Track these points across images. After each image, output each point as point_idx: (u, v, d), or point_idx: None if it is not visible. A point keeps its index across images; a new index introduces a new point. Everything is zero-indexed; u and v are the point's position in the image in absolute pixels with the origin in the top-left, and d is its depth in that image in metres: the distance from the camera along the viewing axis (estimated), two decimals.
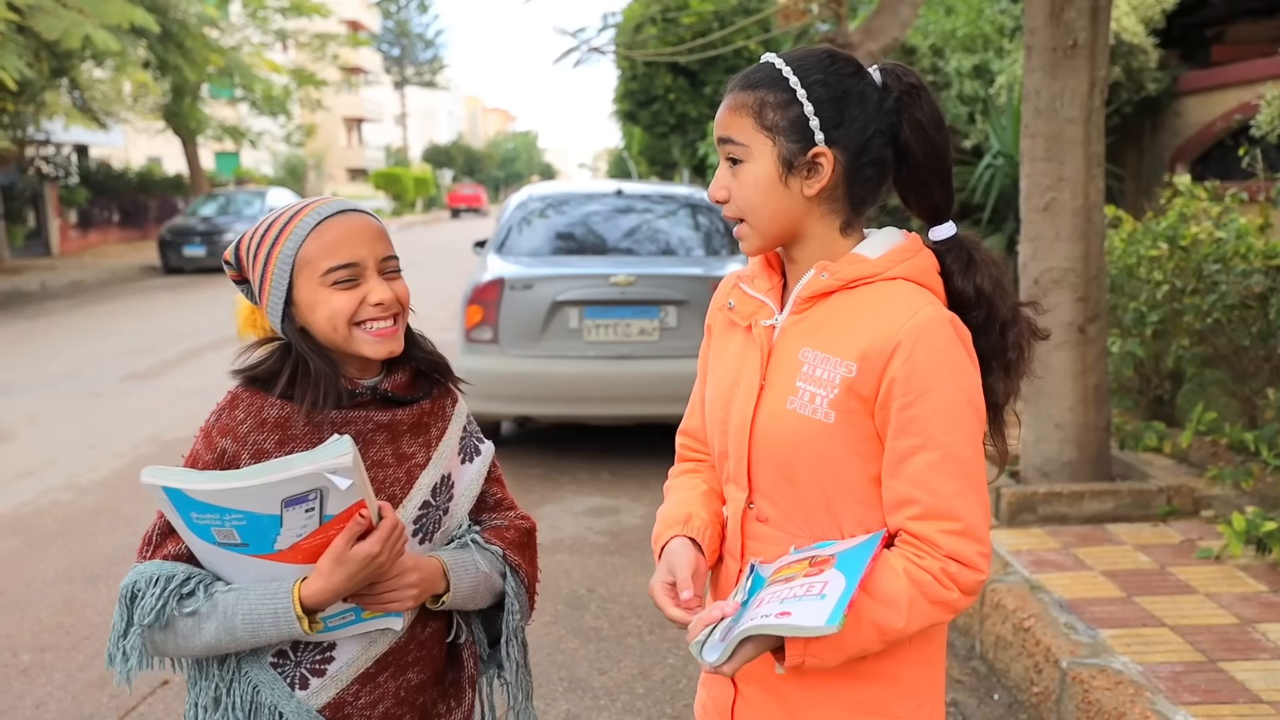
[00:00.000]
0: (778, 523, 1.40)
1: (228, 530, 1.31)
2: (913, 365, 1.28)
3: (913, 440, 1.30)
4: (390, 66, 56.82)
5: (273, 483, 1.25)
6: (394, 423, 1.47)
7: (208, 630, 1.34)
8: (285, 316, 1.43)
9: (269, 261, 1.42)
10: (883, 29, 7.36)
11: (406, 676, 1.49)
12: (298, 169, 32.87)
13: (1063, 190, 4.03)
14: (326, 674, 1.43)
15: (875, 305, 1.34)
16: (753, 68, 1.40)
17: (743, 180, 1.37)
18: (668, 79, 17.08)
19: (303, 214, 1.43)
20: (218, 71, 21.90)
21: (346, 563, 1.31)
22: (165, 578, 1.35)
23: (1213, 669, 2.87)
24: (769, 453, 1.39)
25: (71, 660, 3.63)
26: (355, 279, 1.41)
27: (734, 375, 1.44)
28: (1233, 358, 4.54)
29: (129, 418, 7.26)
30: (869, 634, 1.27)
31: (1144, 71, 6.97)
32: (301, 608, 1.33)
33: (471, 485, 1.59)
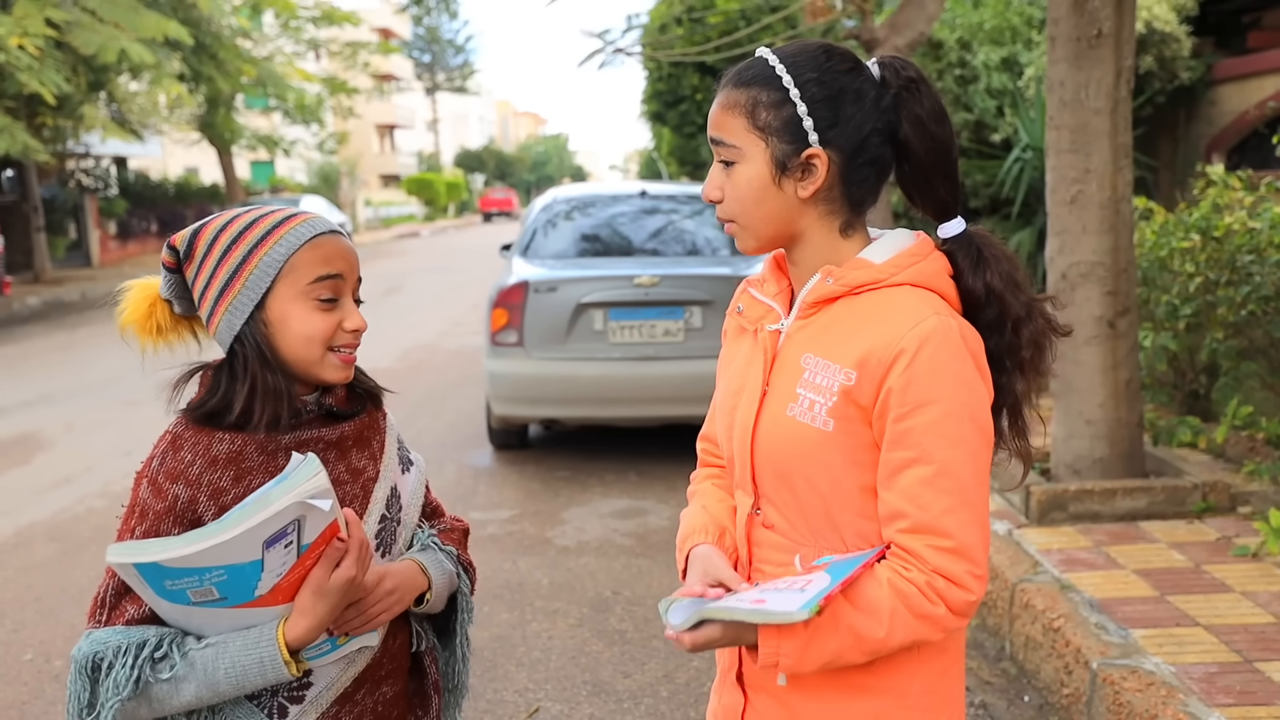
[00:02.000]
0: (783, 529, 1.38)
1: (206, 589, 1.23)
2: (911, 375, 1.25)
3: (907, 453, 1.26)
4: (421, 73, 57.40)
5: (254, 526, 1.18)
6: (342, 439, 1.44)
7: (187, 692, 1.28)
8: (248, 322, 1.36)
9: (250, 258, 1.35)
10: (909, 23, 7.29)
11: (382, 690, 1.47)
12: (331, 176, 33.22)
13: (1089, 183, 3.96)
14: (305, 699, 1.39)
15: (879, 312, 1.30)
16: (745, 64, 1.36)
17: (735, 181, 1.33)
18: (695, 79, 17.04)
19: (294, 222, 1.39)
20: (251, 82, 22.19)
21: (328, 594, 1.27)
22: (135, 645, 1.27)
23: (1249, 669, 2.80)
24: (770, 460, 1.37)
25: None
26: (336, 297, 1.38)
27: (740, 381, 1.43)
28: (1269, 350, 4.43)
29: (164, 425, 7.31)
30: (846, 639, 1.24)
31: (1177, 60, 6.83)
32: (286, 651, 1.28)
33: (415, 494, 1.57)
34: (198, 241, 1.38)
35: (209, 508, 1.31)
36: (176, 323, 1.44)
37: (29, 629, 3.99)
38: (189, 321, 1.46)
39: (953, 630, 1.29)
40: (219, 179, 28.17)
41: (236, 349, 1.36)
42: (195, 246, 1.38)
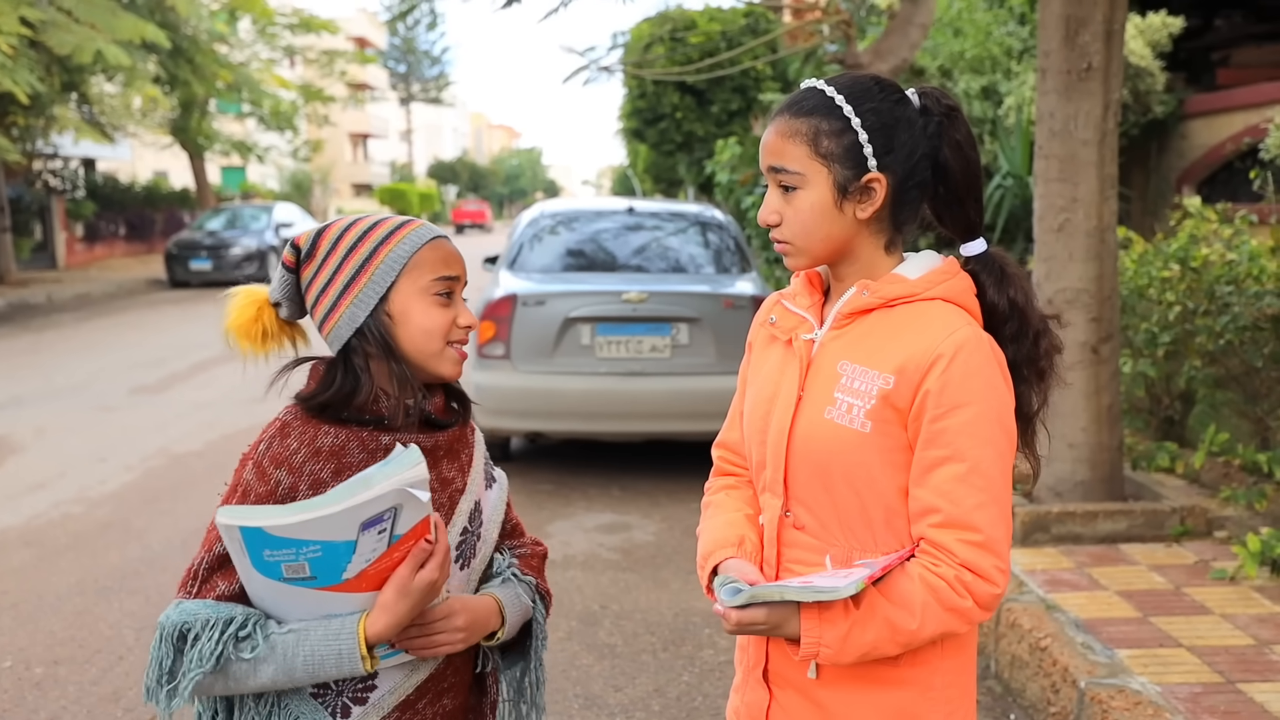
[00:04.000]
0: (814, 530, 1.44)
1: (300, 564, 1.26)
2: (947, 379, 1.33)
3: (941, 451, 1.34)
4: (396, 83, 57.32)
5: (356, 506, 1.22)
6: (435, 447, 1.45)
7: (264, 673, 1.30)
8: (373, 314, 1.39)
9: (375, 254, 1.40)
10: (892, 50, 7.42)
11: (442, 703, 1.48)
12: (304, 184, 33.04)
13: (1076, 211, 4.06)
14: (368, 702, 1.41)
15: (915, 322, 1.39)
16: (801, 94, 1.43)
17: (798, 207, 1.40)
18: (675, 97, 17.20)
19: (412, 225, 1.45)
20: (226, 87, 22.06)
21: (410, 593, 1.29)
22: (223, 621, 1.30)
23: (1231, 690, 2.87)
24: (806, 460, 1.43)
25: (85, 674, 3.63)
26: (452, 294, 1.44)
27: (773, 387, 1.49)
28: (1245, 379, 4.56)
29: (138, 430, 7.28)
30: (883, 631, 1.31)
31: (1151, 94, 7.04)
32: (365, 645, 1.31)
33: (496, 510, 1.58)
34: (321, 240, 1.43)
35: (307, 496, 1.34)
36: (280, 329, 1.47)
37: (7, 635, 3.93)
38: (291, 329, 1.49)
39: (978, 623, 1.36)
40: (189, 183, 27.92)
41: (355, 343, 1.40)
42: (318, 245, 1.43)
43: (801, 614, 1.30)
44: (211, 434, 7.17)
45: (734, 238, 6.57)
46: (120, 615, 4.11)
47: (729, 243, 6.47)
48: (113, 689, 3.51)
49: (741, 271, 6.23)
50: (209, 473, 6.14)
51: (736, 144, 14.47)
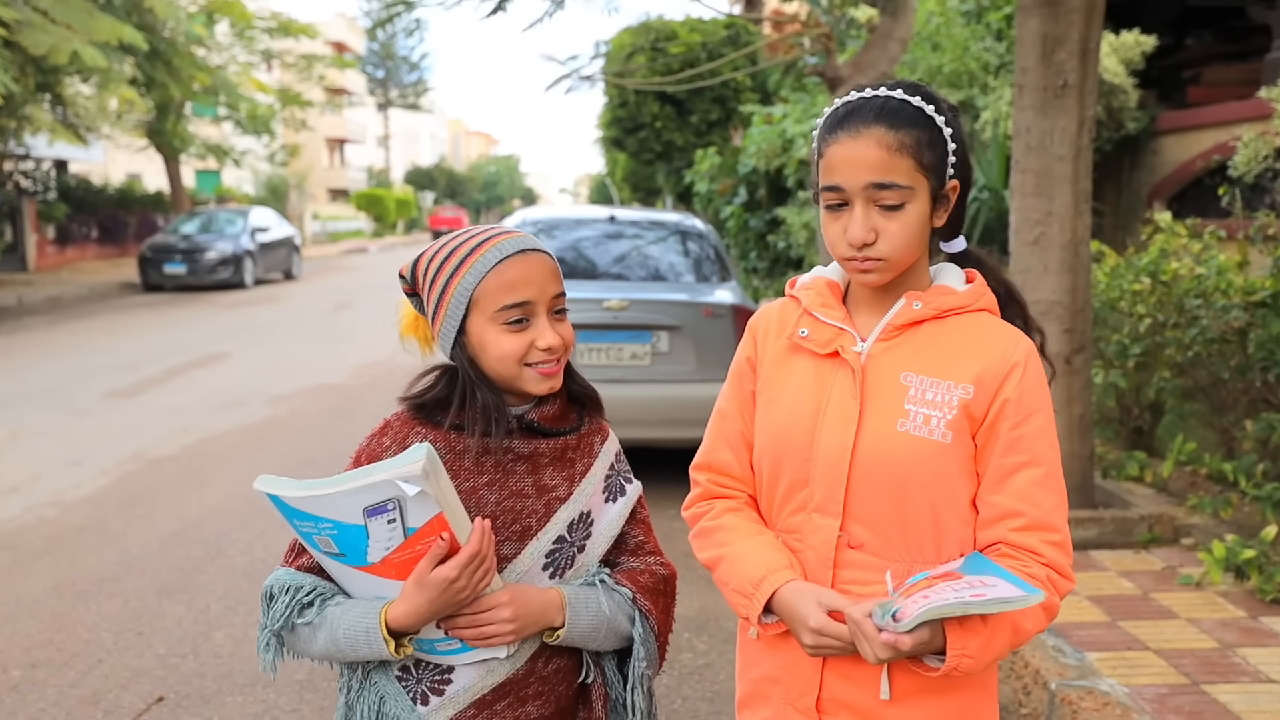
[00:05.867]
0: (874, 548, 1.41)
1: (325, 539, 1.34)
2: (1024, 387, 1.38)
3: (1020, 457, 1.37)
4: (374, 88, 57.21)
5: (351, 489, 1.27)
6: (536, 454, 1.47)
7: (320, 640, 1.40)
8: (456, 344, 1.45)
9: (446, 290, 1.43)
10: (872, 64, 7.51)
11: (525, 709, 1.47)
12: (280, 188, 32.85)
13: (1051, 225, 4.15)
14: (445, 694, 1.44)
15: (977, 333, 1.42)
16: (884, 105, 1.38)
17: (904, 222, 1.37)
18: (655, 107, 17.32)
19: (484, 248, 1.43)
20: (203, 90, 21.93)
21: (426, 586, 1.32)
22: (294, 588, 1.41)
23: (1196, 692, 2.95)
24: (876, 476, 1.40)
25: (63, 677, 3.61)
26: (526, 319, 1.42)
27: (814, 402, 1.45)
28: (1212, 390, 4.67)
29: (113, 435, 7.23)
30: (1008, 634, 1.33)
31: (1124, 111, 7.18)
32: (389, 629, 1.35)
33: (612, 525, 1.55)
34: (417, 271, 1.48)
35: None
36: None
37: None
38: None
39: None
40: (164, 186, 27.67)
41: (455, 360, 1.47)
42: (416, 275, 1.48)
43: (949, 626, 1.29)
44: (187, 439, 7.13)
45: (714, 246, 6.63)
46: (98, 618, 4.10)
47: (709, 251, 6.52)
48: (92, 691, 3.50)
49: (721, 280, 6.28)
50: (185, 477, 6.12)
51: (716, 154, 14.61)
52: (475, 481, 1.44)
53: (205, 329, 13.31)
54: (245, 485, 5.79)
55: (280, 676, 3.60)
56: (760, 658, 1.53)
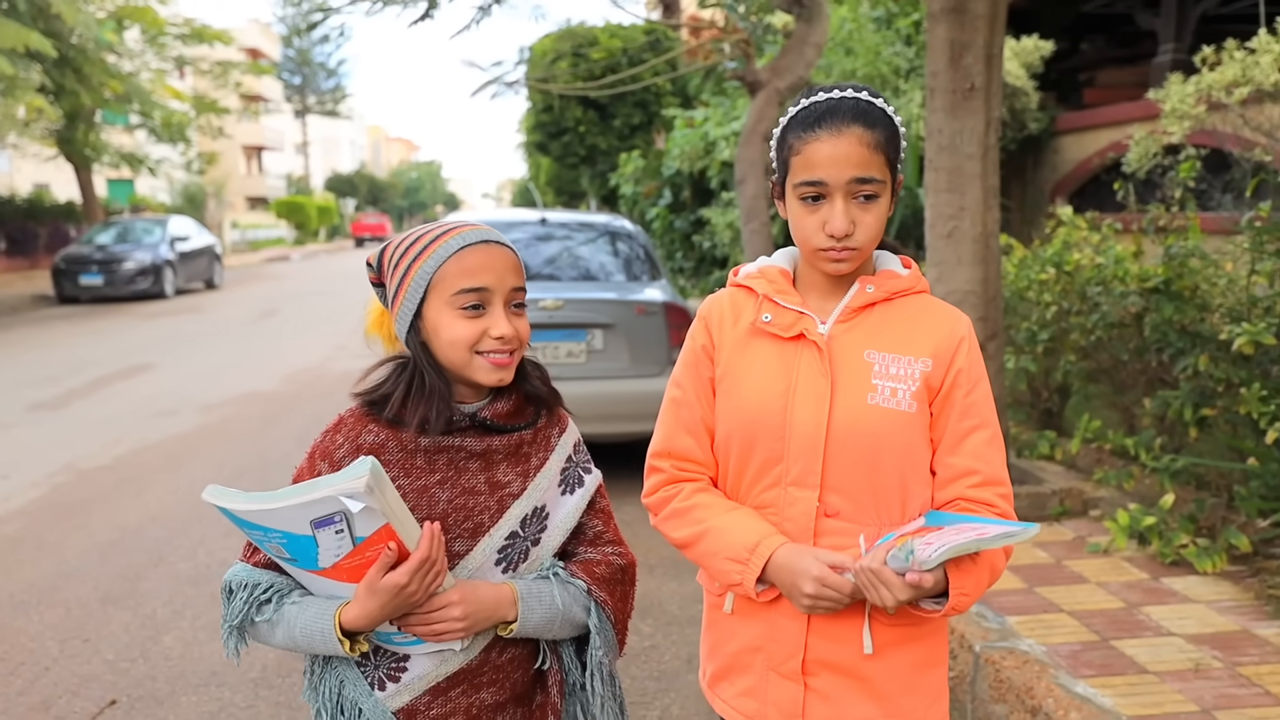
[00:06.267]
0: (848, 514, 1.51)
1: (275, 547, 1.37)
2: (971, 358, 1.53)
3: (972, 421, 1.51)
4: (291, 95, 56.06)
5: (296, 505, 1.29)
6: (489, 451, 1.48)
7: (278, 635, 1.44)
8: (411, 329, 1.45)
9: (407, 274, 1.44)
10: (789, 68, 7.76)
11: (480, 695, 1.50)
12: (197, 197, 32.04)
13: (964, 219, 4.38)
14: (401, 681, 1.48)
15: (923, 312, 1.56)
16: (856, 105, 1.47)
17: (877, 214, 1.47)
18: (578, 112, 17.38)
19: (447, 236, 1.45)
20: (116, 98, 21.32)
21: (377, 593, 1.35)
22: (251, 585, 1.44)
23: (1106, 647, 3.18)
24: (851, 448, 1.49)
25: (10, 685, 3.59)
26: (482, 305, 1.43)
27: (783, 383, 1.52)
28: (1113, 371, 4.96)
29: (41, 447, 7.08)
30: (988, 575, 1.46)
31: (1026, 112, 7.54)
32: (343, 630, 1.39)
33: (568, 518, 1.56)
34: (384, 258, 1.50)
35: None
36: None
37: None
38: None
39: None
40: (73, 195, 26.75)
41: (409, 345, 1.47)
42: (383, 263, 1.50)
43: (950, 570, 1.38)
44: (120, 449, 7.01)
45: (643, 246, 6.78)
46: (41, 628, 4.06)
47: (639, 251, 6.68)
48: (41, 698, 3.49)
49: (652, 279, 6.44)
50: (120, 486, 6.04)
51: (640, 157, 14.73)
52: (427, 480, 1.45)
53: (127, 340, 12.99)
54: (183, 493, 5.78)
55: (234, 675, 3.64)
56: (737, 630, 1.60)
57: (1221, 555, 3.76)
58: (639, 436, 5.91)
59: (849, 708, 1.54)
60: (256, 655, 3.77)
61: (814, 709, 1.54)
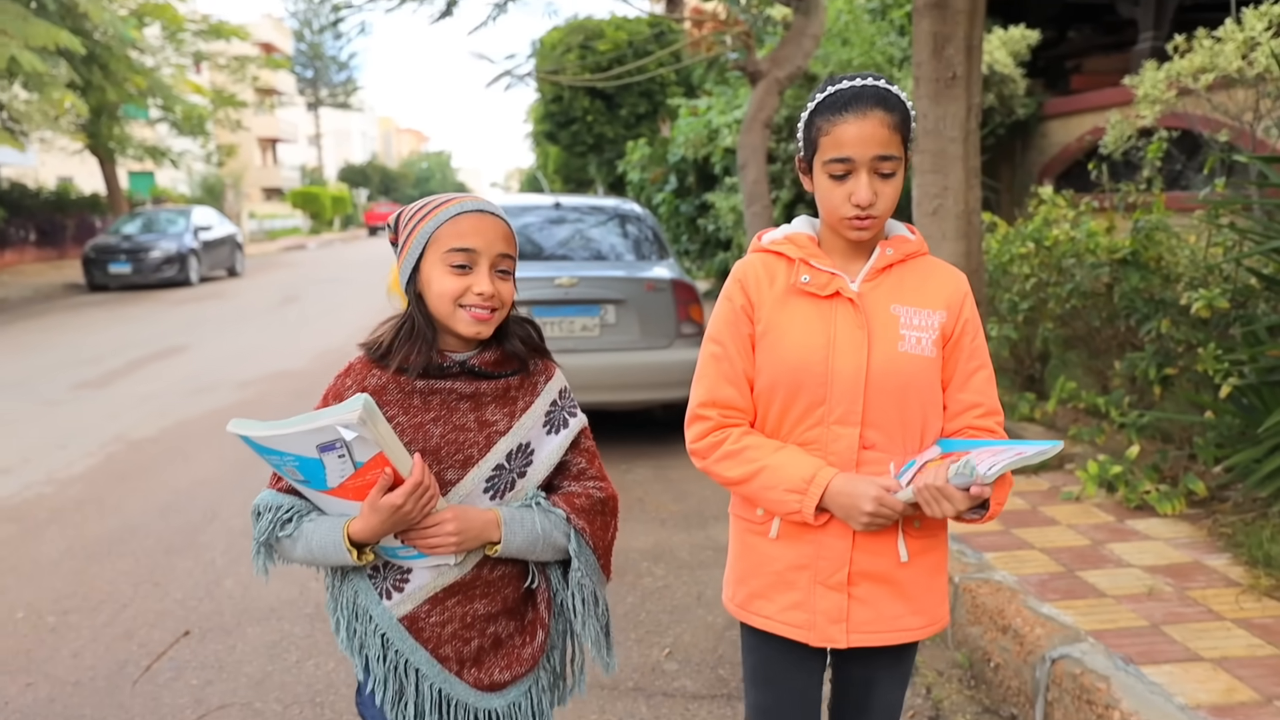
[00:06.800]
0: (882, 446, 1.71)
1: (290, 469, 1.54)
2: (972, 310, 1.77)
3: (976, 362, 1.77)
4: (304, 88, 56.45)
5: (303, 431, 1.46)
6: (478, 393, 1.65)
7: (299, 550, 1.62)
8: (410, 281, 1.63)
9: (412, 233, 1.63)
10: (788, 58, 8.11)
11: (473, 606, 1.68)
12: (216, 188, 32.50)
13: (947, 198, 4.73)
14: (405, 591, 1.67)
15: (932, 271, 1.78)
16: (878, 92, 1.65)
17: (894, 186, 1.67)
18: (586, 102, 17.68)
19: (450, 203, 1.64)
20: (139, 92, 21.75)
21: (378, 510, 1.52)
22: (275, 508, 1.63)
23: (1071, 576, 3.52)
24: (885, 389, 1.69)
25: (95, 619, 3.96)
26: (469, 265, 1.60)
27: (823, 336, 1.71)
28: (1087, 337, 5.30)
29: (91, 421, 7.47)
30: (1008, 491, 1.67)
31: (1014, 98, 7.84)
32: (351, 541, 1.57)
33: (552, 455, 1.72)
34: (400, 219, 1.69)
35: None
36: None
37: (13, 593, 4.25)
38: None
39: None
40: (97, 188, 27.21)
41: (408, 295, 1.65)
42: (399, 223, 1.69)
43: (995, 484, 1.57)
44: (165, 421, 7.41)
45: (651, 228, 7.11)
46: (115, 574, 4.43)
47: (647, 233, 7.03)
48: (124, 630, 3.86)
49: (660, 258, 6.79)
50: (169, 454, 6.44)
51: (646, 145, 15.00)
52: (423, 417, 1.62)
53: (158, 324, 13.39)
54: (228, 460, 6.15)
55: (292, 610, 4.02)
56: (781, 553, 1.79)
57: (1181, 499, 4.10)
58: (649, 404, 6.32)
59: (884, 608, 1.75)
60: (310, 594, 4.17)
61: (856, 613, 1.75)
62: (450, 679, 1.69)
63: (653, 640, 3.71)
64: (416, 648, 1.67)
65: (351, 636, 1.68)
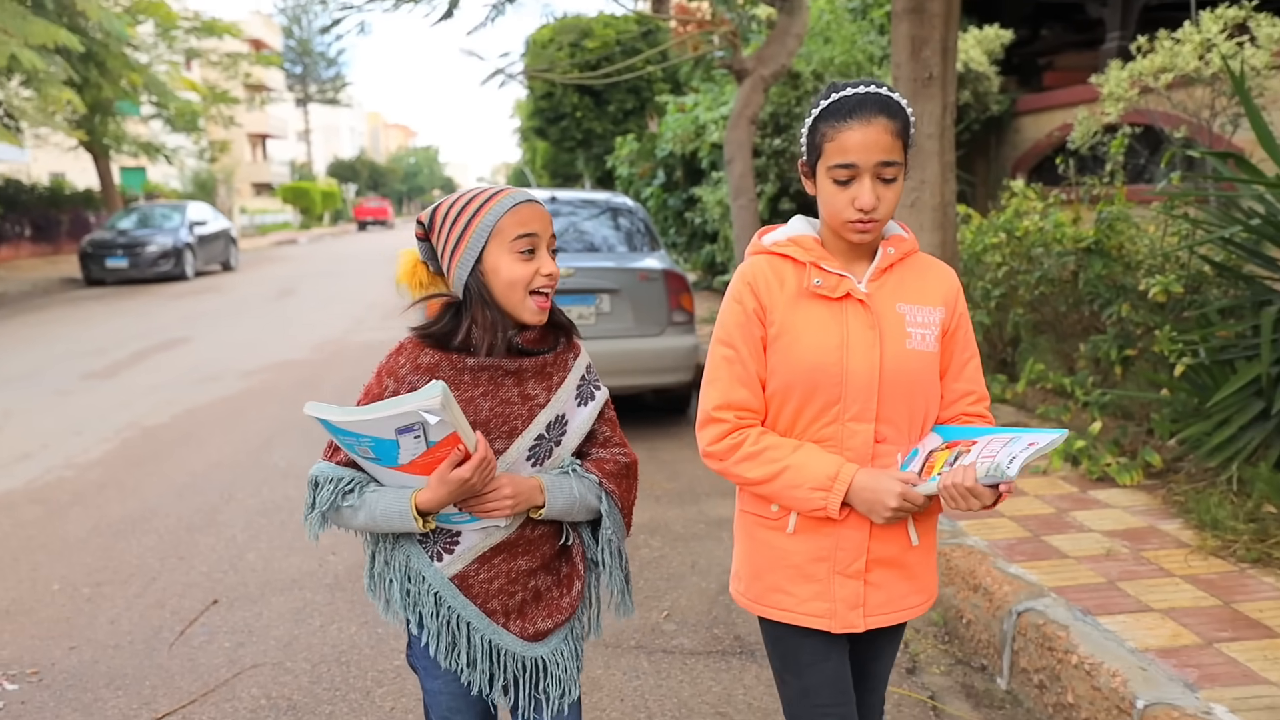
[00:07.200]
0: (892, 439, 1.76)
1: (364, 449, 1.65)
2: (963, 304, 1.84)
3: (968, 352, 1.84)
4: (293, 84, 56.41)
5: (385, 417, 1.56)
6: (520, 370, 1.75)
7: (360, 518, 1.73)
8: (472, 273, 1.70)
9: (470, 226, 1.70)
10: (773, 57, 8.36)
11: (517, 563, 1.81)
12: (208, 184, 32.60)
13: (924, 191, 5.00)
14: (454, 553, 1.79)
15: (927, 268, 1.83)
16: (882, 99, 1.67)
17: (896, 190, 1.70)
18: (575, 98, 17.88)
19: (500, 195, 1.73)
20: (134, 89, 21.86)
21: (447, 483, 1.63)
22: (336, 479, 1.72)
23: (1037, 541, 3.80)
24: (896, 385, 1.74)
25: (128, 590, 4.20)
26: (533, 249, 1.71)
27: (837, 336, 1.73)
28: (1055, 322, 5.59)
29: (104, 409, 7.68)
30: None
31: (989, 95, 8.12)
32: (417, 510, 1.68)
33: (583, 424, 1.84)
34: (436, 216, 1.77)
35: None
36: (432, 279, 1.81)
37: (46, 567, 4.48)
38: (441, 278, 1.80)
39: None
40: (90, 184, 27.26)
41: (466, 293, 1.73)
42: (435, 220, 1.76)
43: None
44: (175, 409, 7.63)
45: (643, 220, 7.33)
46: (141, 550, 4.66)
47: (639, 225, 7.26)
48: (155, 599, 4.10)
49: (651, 249, 7.03)
50: (183, 440, 6.67)
51: (635, 140, 15.23)
52: (473, 393, 1.73)
53: (157, 317, 13.56)
54: (240, 444, 6.42)
55: (313, 581, 4.26)
56: (799, 547, 1.82)
57: (1139, 471, 4.39)
58: (642, 389, 6.59)
59: (894, 590, 1.82)
60: (329, 566, 4.41)
61: (871, 597, 1.80)
62: (498, 630, 1.81)
63: (652, 604, 3.97)
64: (467, 603, 1.79)
65: (405, 596, 1.79)
